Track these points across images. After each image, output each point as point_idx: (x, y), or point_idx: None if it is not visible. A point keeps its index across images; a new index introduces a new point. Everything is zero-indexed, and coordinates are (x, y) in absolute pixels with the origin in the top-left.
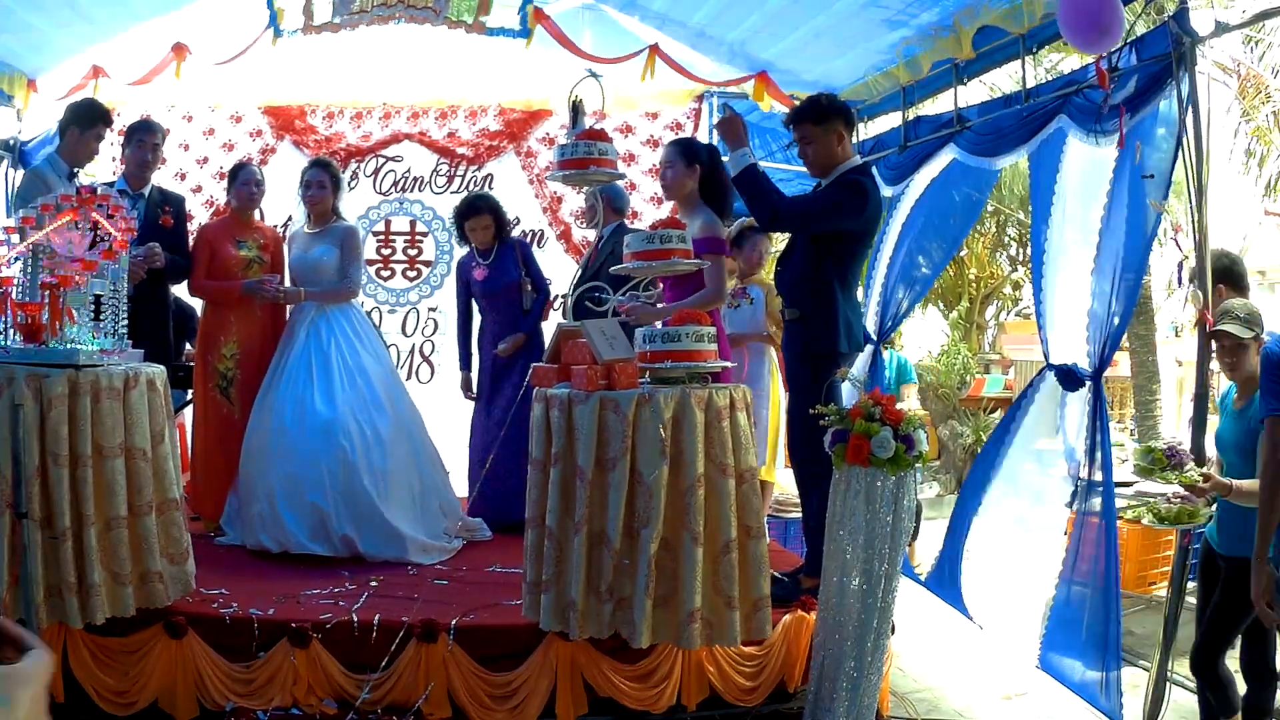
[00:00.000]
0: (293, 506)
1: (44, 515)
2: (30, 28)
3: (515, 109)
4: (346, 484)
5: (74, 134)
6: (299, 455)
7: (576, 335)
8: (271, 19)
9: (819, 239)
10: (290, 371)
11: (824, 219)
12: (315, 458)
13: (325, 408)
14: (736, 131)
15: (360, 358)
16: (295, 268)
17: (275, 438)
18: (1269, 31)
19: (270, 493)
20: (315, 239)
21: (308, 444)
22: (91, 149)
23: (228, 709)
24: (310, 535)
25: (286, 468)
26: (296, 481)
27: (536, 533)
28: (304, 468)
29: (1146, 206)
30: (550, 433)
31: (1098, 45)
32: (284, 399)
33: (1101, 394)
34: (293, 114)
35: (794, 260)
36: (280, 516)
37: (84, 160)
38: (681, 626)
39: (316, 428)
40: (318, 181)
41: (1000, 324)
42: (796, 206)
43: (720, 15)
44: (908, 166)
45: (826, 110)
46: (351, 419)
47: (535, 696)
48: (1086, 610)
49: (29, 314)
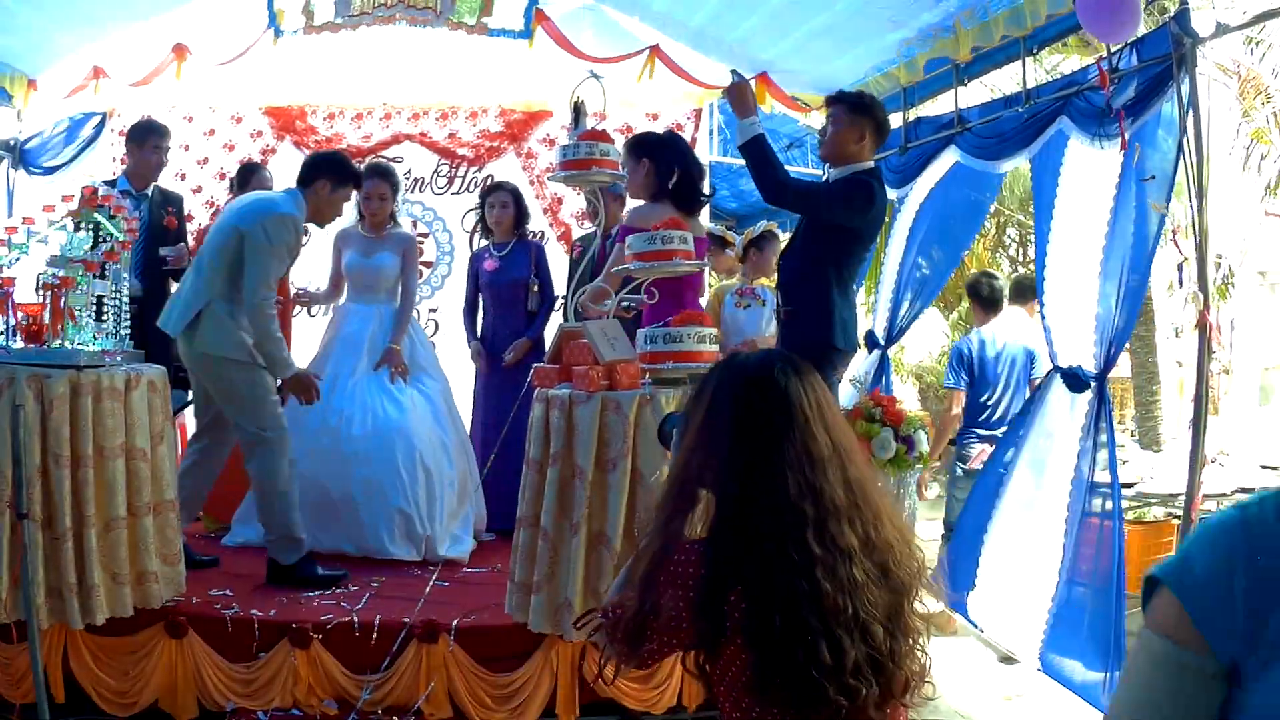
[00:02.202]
0: (376, 511)
1: (45, 516)
2: (30, 28)
3: (516, 110)
4: (426, 489)
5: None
6: (376, 460)
7: (578, 336)
8: (271, 19)
9: (821, 236)
10: (358, 377)
11: (827, 206)
12: (393, 463)
13: (397, 414)
14: (745, 99)
15: (423, 366)
16: (353, 271)
17: (347, 443)
18: (1269, 32)
19: (349, 497)
20: (375, 244)
21: (383, 450)
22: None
23: (228, 709)
24: (392, 539)
25: (364, 472)
26: (377, 486)
27: (529, 533)
28: (384, 473)
29: (1149, 208)
30: (549, 433)
31: (1117, 33)
32: (351, 404)
33: (1106, 396)
34: (293, 114)
35: (795, 257)
36: (361, 520)
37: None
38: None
39: (390, 434)
40: (379, 193)
41: None
42: (802, 186)
43: (721, 16)
44: (912, 169)
45: (865, 106)
46: (422, 426)
47: (536, 697)
48: (1088, 611)
49: (30, 314)
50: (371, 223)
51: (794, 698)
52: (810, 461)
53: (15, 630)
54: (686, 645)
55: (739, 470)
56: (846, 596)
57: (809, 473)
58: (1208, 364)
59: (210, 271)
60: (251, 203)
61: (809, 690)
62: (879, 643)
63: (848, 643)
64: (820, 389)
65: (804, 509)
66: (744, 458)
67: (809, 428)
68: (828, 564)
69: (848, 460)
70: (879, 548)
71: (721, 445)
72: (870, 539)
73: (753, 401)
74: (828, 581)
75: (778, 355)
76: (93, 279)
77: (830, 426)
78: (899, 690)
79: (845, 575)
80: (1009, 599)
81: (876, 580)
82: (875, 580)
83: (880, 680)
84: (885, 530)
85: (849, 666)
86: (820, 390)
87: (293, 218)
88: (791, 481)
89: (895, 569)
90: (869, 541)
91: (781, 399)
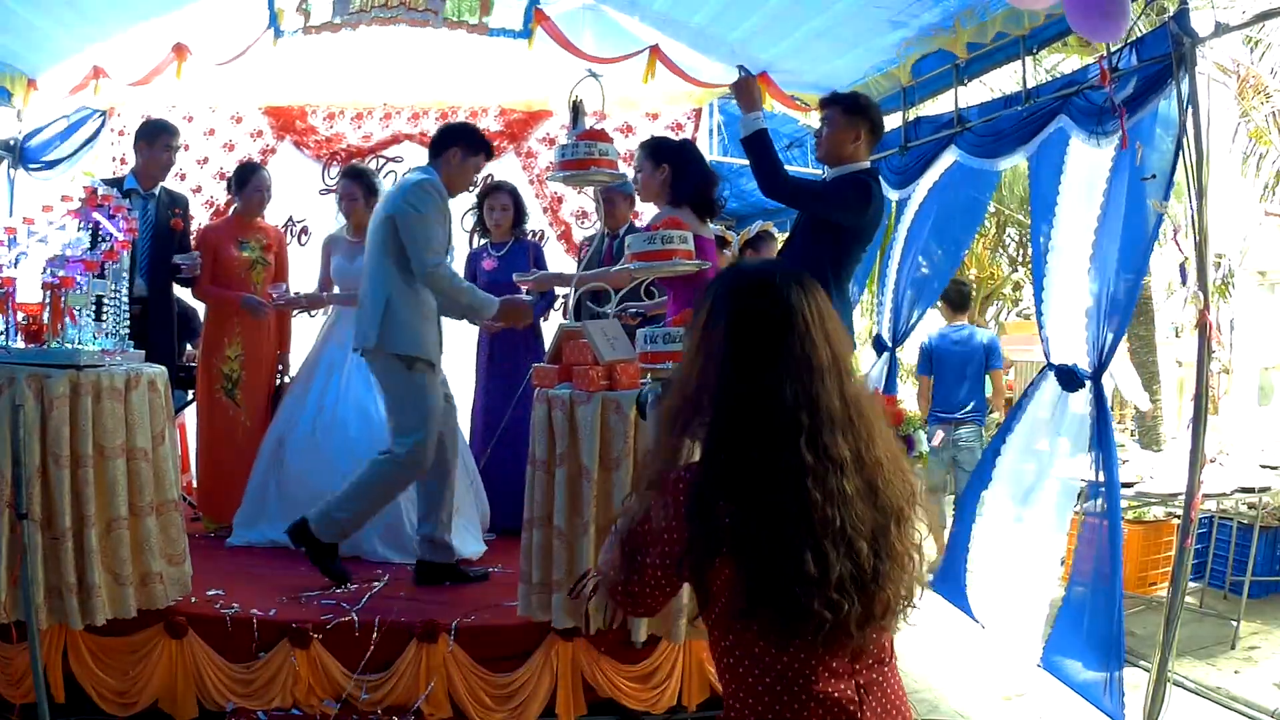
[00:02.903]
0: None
1: (45, 516)
2: (30, 27)
3: (515, 110)
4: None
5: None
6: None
7: (578, 336)
8: (272, 19)
9: (819, 236)
10: (348, 376)
11: (823, 203)
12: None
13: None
14: (750, 94)
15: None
16: (339, 276)
17: (342, 445)
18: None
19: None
20: (359, 248)
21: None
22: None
23: (228, 709)
24: (381, 541)
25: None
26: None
27: (542, 533)
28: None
29: (1147, 207)
30: (553, 433)
31: (1103, 32)
32: (345, 404)
33: (1103, 394)
34: (293, 114)
35: (793, 256)
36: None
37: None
38: (672, 620)
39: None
40: (349, 194)
41: (1000, 324)
42: (802, 183)
43: (721, 16)
44: (913, 170)
45: (860, 107)
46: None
47: (536, 697)
48: (1088, 610)
49: (30, 314)
50: (352, 224)
51: (779, 612)
52: (809, 369)
53: (15, 630)
54: (679, 560)
55: (737, 375)
56: (835, 509)
57: (806, 380)
58: (1208, 364)
59: (379, 271)
60: (389, 191)
61: (793, 604)
62: (863, 559)
63: (833, 556)
64: (822, 300)
65: (799, 417)
66: (742, 362)
67: (809, 334)
68: (818, 474)
69: (846, 374)
70: (869, 465)
71: (721, 350)
72: (861, 455)
73: (752, 305)
74: (818, 491)
75: (780, 265)
76: (93, 279)
77: (830, 338)
78: (879, 611)
79: (835, 486)
80: (1009, 598)
81: (865, 497)
82: (863, 496)
83: (862, 599)
84: (877, 448)
85: (833, 580)
86: (821, 301)
87: (431, 182)
88: (788, 388)
89: (884, 488)
90: (860, 457)
91: (782, 304)
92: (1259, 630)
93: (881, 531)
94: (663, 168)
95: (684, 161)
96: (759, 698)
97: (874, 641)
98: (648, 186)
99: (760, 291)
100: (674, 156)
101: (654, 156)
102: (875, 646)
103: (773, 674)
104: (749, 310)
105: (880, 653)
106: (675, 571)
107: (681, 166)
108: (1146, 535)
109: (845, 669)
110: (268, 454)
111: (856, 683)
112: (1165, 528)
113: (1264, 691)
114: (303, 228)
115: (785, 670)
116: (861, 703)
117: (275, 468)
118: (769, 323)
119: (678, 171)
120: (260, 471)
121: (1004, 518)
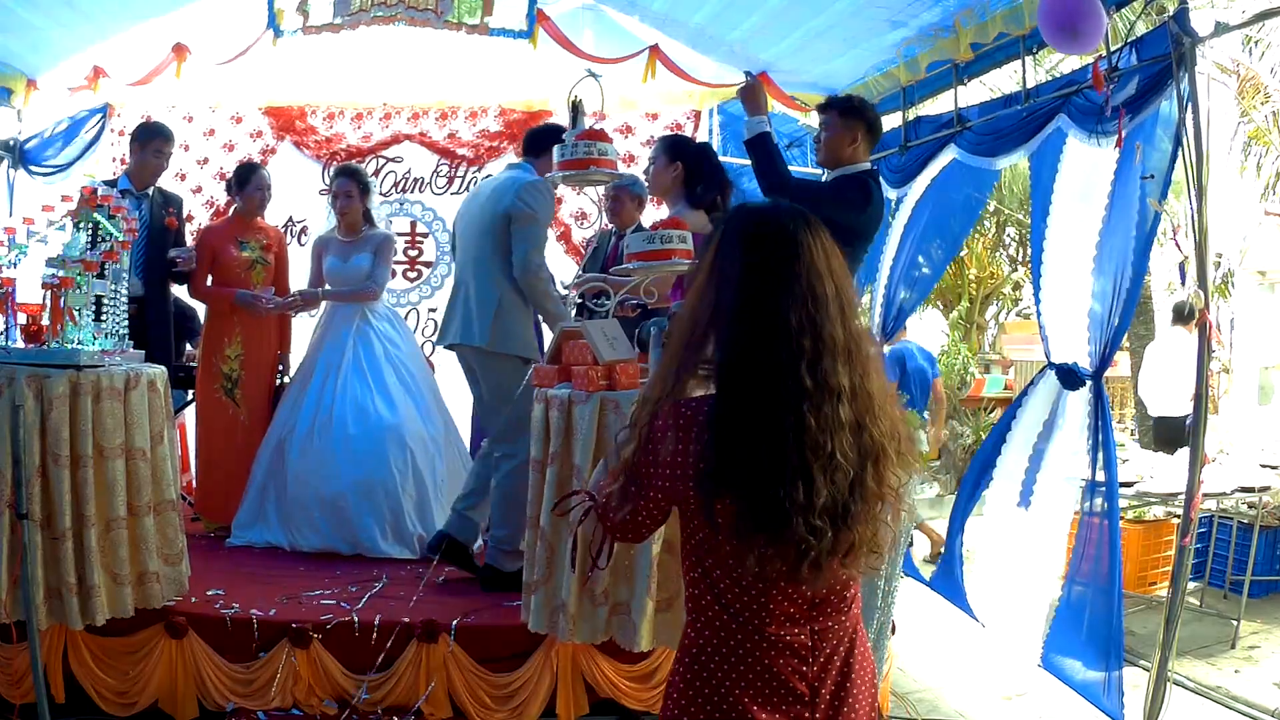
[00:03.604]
0: (369, 510)
1: (44, 516)
2: (30, 27)
3: (515, 110)
4: (416, 487)
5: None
6: (370, 460)
7: (577, 336)
8: (271, 19)
9: None
10: (345, 375)
11: (825, 204)
12: (385, 462)
13: (388, 413)
14: (757, 98)
15: (408, 363)
16: (332, 276)
17: (342, 444)
18: (1268, 32)
19: (341, 497)
20: (352, 247)
21: (376, 449)
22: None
23: (228, 709)
24: (384, 537)
25: (357, 471)
26: (369, 484)
27: (533, 533)
28: (376, 471)
29: (1146, 207)
30: (549, 433)
31: (1073, 46)
32: (343, 403)
33: (1103, 393)
34: (293, 115)
35: None
36: (353, 519)
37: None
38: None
39: (381, 432)
40: (345, 191)
41: (1000, 324)
42: (803, 184)
43: (720, 15)
44: (911, 169)
45: (855, 109)
46: (412, 424)
47: (536, 697)
48: (1088, 610)
49: (30, 314)
50: (344, 224)
51: (769, 535)
52: (814, 298)
53: (15, 630)
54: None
55: (746, 302)
56: (827, 435)
57: (811, 308)
58: (1208, 364)
59: (490, 269)
60: (496, 188)
61: (780, 524)
62: (841, 491)
63: (820, 481)
64: (827, 240)
65: (803, 342)
66: (751, 289)
67: (814, 267)
68: (816, 399)
69: (849, 309)
70: (862, 398)
71: (734, 277)
72: (857, 387)
73: (761, 239)
74: (813, 416)
75: (786, 206)
76: (92, 279)
77: (835, 273)
78: (842, 549)
79: (830, 413)
80: (1009, 597)
81: (853, 430)
82: (852, 430)
83: (834, 531)
84: (872, 383)
85: (818, 506)
86: (827, 240)
87: (543, 182)
88: (794, 314)
89: (870, 426)
90: (855, 390)
91: (790, 240)
92: (1259, 630)
93: (860, 468)
94: (676, 165)
95: (701, 164)
96: (715, 631)
97: (833, 589)
98: (658, 179)
99: (769, 225)
100: (691, 158)
101: (670, 152)
102: (835, 596)
103: (730, 612)
104: (759, 241)
105: (840, 602)
106: (680, 499)
107: (698, 169)
108: (1146, 535)
109: (803, 615)
110: (267, 456)
111: (811, 629)
112: (1165, 527)
113: (1264, 691)
114: (303, 228)
115: (742, 610)
116: (814, 648)
117: (275, 469)
118: (777, 254)
119: (692, 173)
120: (260, 474)
121: (1004, 517)
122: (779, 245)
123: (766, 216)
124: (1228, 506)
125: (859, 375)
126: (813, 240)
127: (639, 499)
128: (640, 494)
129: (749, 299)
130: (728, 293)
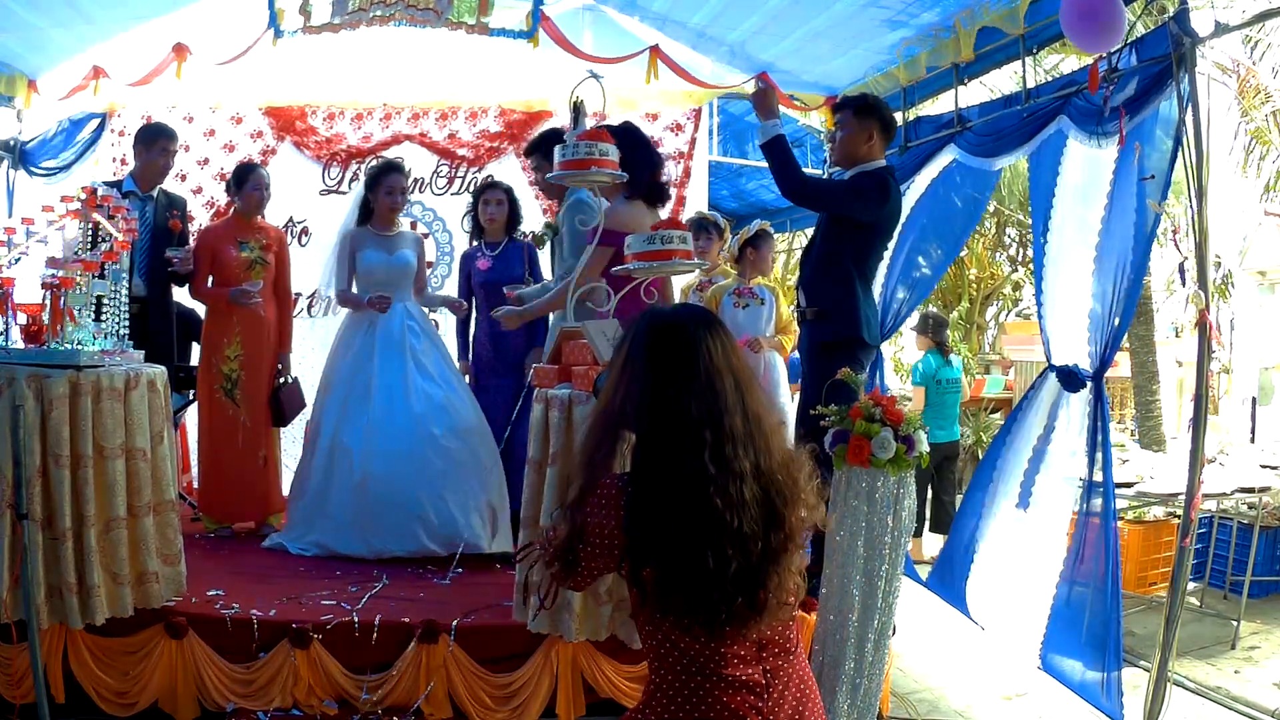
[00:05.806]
0: (474, 509)
1: (45, 516)
2: (30, 28)
3: (515, 110)
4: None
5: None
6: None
7: (577, 336)
8: (272, 19)
9: (840, 234)
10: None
11: (844, 201)
12: (478, 459)
13: (465, 408)
14: (769, 103)
15: (442, 361)
16: (379, 269)
17: (427, 443)
18: (1269, 32)
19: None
20: (393, 242)
21: (465, 445)
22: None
23: (228, 710)
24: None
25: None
26: (467, 484)
27: (530, 533)
28: (471, 469)
29: (1146, 207)
30: (549, 433)
31: (1099, 43)
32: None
33: (1103, 395)
34: (293, 115)
35: (814, 257)
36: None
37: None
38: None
39: (467, 429)
40: (401, 188)
41: (1000, 324)
42: (821, 183)
43: (720, 16)
44: (909, 168)
45: (870, 107)
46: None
47: (536, 697)
48: (1087, 610)
49: (30, 314)
50: (389, 219)
51: (686, 602)
52: (713, 393)
53: (15, 630)
54: (617, 562)
55: (653, 402)
56: (733, 513)
57: (711, 402)
58: (1208, 364)
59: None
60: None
61: (696, 595)
62: (750, 557)
63: (729, 553)
64: (726, 337)
65: (703, 434)
66: (657, 390)
67: (713, 365)
68: (719, 483)
69: (748, 396)
70: (765, 474)
71: (639, 381)
72: (760, 466)
73: (666, 343)
74: (719, 498)
75: (689, 309)
76: (92, 279)
77: (735, 368)
78: (758, 605)
79: (735, 494)
80: (1009, 598)
81: (760, 503)
82: (759, 503)
83: (746, 593)
84: (773, 459)
85: (729, 575)
86: (726, 338)
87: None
88: (694, 407)
89: (774, 497)
90: (758, 468)
91: (691, 342)
92: (1259, 630)
93: (766, 536)
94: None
95: (631, 149)
96: (677, 675)
97: (777, 633)
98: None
99: (673, 332)
100: (620, 145)
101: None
102: (779, 638)
103: (688, 658)
104: (664, 347)
105: (785, 644)
106: (614, 565)
107: (629, 155)
108: (1146, 535)
109: (753, 656)
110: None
111: (764, 668)
112: (1165, 527)
113: (1264, 691)
114: (303, 228)
115: (698, 655)
116: (768, 685)
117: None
118: (680, 357)
119: (625, 161)
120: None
121: (1004, 517)
122: (680, 347)
123: (670, 322)
124: (1228, 507)
125: (762, 455)
126: (712, 341)
127: (578, 564)
128: (579, 560)
129: (656, 395)
130: (635, 389)
